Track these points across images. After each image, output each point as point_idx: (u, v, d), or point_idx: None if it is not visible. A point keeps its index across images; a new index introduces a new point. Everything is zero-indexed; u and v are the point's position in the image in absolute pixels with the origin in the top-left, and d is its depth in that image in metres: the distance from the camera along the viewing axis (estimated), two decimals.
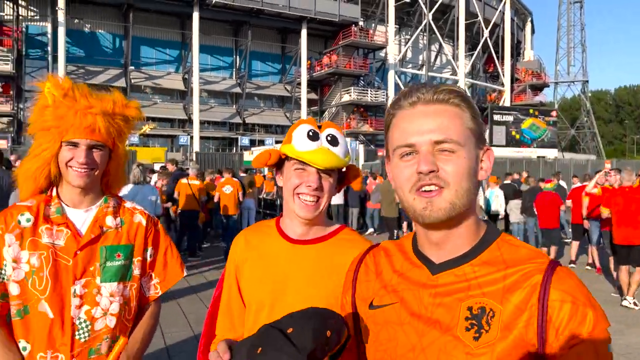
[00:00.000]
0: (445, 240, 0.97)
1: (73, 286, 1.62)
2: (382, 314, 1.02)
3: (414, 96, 0.96)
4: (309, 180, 1.37)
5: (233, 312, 1.51)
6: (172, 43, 37.86)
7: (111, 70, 35.11)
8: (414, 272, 1.01)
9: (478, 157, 0.97)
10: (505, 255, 0.94)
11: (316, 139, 1.37)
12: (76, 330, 1.61)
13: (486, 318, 0.89)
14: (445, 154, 0.92)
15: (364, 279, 1.12)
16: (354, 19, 38.12)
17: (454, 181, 0.91)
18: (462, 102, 0.96)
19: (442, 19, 43.48)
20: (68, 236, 1.64)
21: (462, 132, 0.94)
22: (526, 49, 54.68)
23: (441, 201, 0.92)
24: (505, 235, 1.00)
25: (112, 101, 1.70)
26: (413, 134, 0.94)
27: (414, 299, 0.98)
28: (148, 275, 1.79)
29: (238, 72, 39.76)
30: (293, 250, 1.42)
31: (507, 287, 0.90)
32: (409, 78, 45.52)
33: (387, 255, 1.11)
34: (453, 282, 0.94)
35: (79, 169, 1.62)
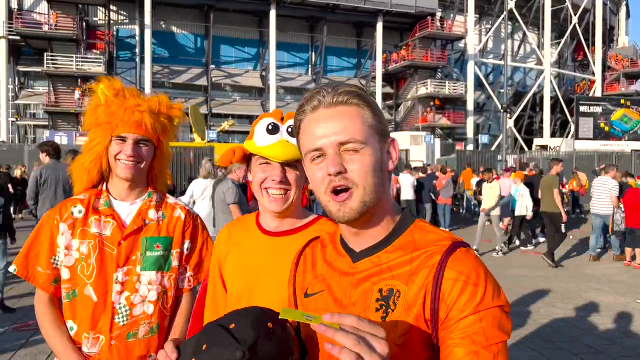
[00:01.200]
0: (362, 231, 1.03)
1: (116, 273, 1.72)
2: (313, 302, 1.09)
3: (315, 101, 1.01)
4: (273, 175, 1.39)
5: (218, 304, 1.55)
6: (250, 42, 38.96)
7: (193, 69, 36.73)
8: (339, 261, 1.08)
9: (384, 150, 1.02)
10: (417, 240, 1.00)
11: (276, 132, 1.39)
12: (116, 314, 1.71)
13: (393, 299, 0.95)
14: (351, 153, 0.97)
15: (302, 271, 1.18)
16: (431, 10, 37.31)
17: (361, 180, 0.96)
18: (361, 101, 1.00)
19: (526, 7, 41.49)
20: (114, 227, 1.76)
21: (365, 130, 0.98)
22: (620, 34, 50.95)
23: (352, 202, 0.97)
24: (419, 221, 1.06)
25: (158, 101, 1.82)
26: (319, 137, 0.98)
27: (338, 286, 1.04)
28: (183, 268, 1.87)
29: (314, 68, 40.22)
30: (268, 242, 1.45)
31: (413, 269, 0.95)
32: (490, 69, 43.90)
33: (322, 247, 1.17)
34: (370, 268, 1.00)
35: (126, 162, 1.73)
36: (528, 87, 43.55)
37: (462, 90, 38.78)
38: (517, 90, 42.56)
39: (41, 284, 1.73)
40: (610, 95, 41.04)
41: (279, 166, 1.39)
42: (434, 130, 36.13)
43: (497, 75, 43.73)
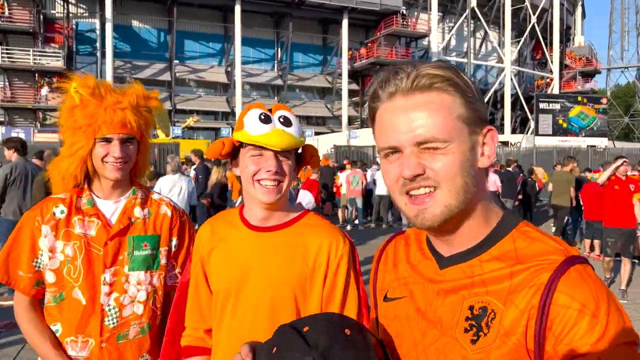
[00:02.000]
0: (450, 235, 0.89)
1: (103, 274, 1.69)
2: (393, 308, 0.98)
3: (392, 85, 0.85)
4: (267, 165, 1.34)
5: (202, 303, 1.51)
6: (214, 36, 38.44)
7: (156, 64, 35.98)
8: (424, 264, 0.94)
9: (476, 144, 0.86)
10: (520, 249, 0.83)
11: (269, 121, 1.35)
12: (105, 317, 1.68)
13: (486, 320, 0.81)
14: (431, 152, 0.83)
15: (383, 269, 1.06)
16: (395, 7, 37.61)
17: (445, 180, 0.82)
18: (449, 86, 0.84)
19: (487, 6, 42.30)
20: (99, 227, 1.72)
21: (450, 124, 0.83)
22: (576, 34, 52.55)
23: (435, 206, 0.83)
24: (524, 225, 0.88)
25: (135, 94, 1.74)
26: (394, 134, 0.85)
27: (421, 294, 0.92)
28: (171, 265, 1.85)
29: (279, 64, 40.01)
30: (256, 238, 1.41)
31: (513, 286, 0.80)
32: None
33: (406, 245, 1.03)
34: (459, 278, 0.86)
35: (115, 163, 1.68)
36: (489, 84, 44.45)
37: None
38: (479, 87, 43.33)
39: (22, 287, 1.68)
40: (568, 93, 42.31)
41: (273, 156, 1.35)
42: None
43: None
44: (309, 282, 1.37)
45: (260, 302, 1.37)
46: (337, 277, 1.37)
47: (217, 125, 36.72)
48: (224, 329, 1.41)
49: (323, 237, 1.39)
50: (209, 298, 1.50)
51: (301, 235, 1.40)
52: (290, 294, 1.36)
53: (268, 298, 1.36)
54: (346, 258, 1.38)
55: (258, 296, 1.37)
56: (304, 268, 1.37)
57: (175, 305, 1.61)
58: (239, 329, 1.38)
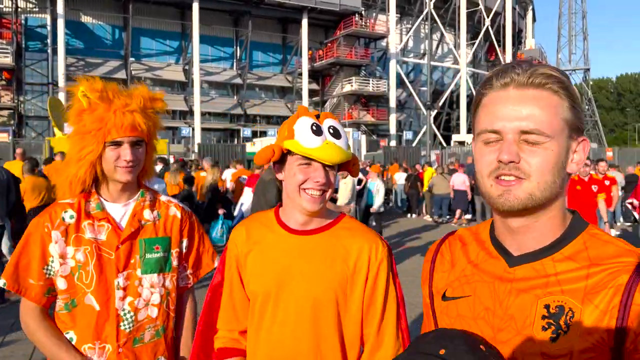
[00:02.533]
0: (525, 230, 0.92)
1: (116, 279, 1.65)
2: (455, 307, 1.00)
3: (508, 77, 0.90)
4: (315, 176, 1.36)
5: (236, 305, 1.51)
6: (172, 34, 37.75)
7: (111, 62, 35.05)
8: (490, 263, 0.97)
9: (570, 149, 0.90)
10: (591, 251, 0.88)
11: (320, 133, 1.35)
12: (121, 321, 1.65)
13: (565, 318, 0.84)
14: (531, 145, 0.87)
15: (440, 269, 1.09)
16: (354, 8, 37.95)
17: (536, 174, 0.87)
18: (560, 89, 0.88)
19: (443, 8, 43.26)
20: (109, 231, 1.68)
21: (555, 123, 0.87)
22: (527, 37, 54.44)
23: (520, 191, 0.87)
24: (592, 228, 0.93)
25: (142, 96, 1.71)
26: (500, 119, 0.88)
27: (489, 292, 0.94)
28: (182, 266, 1.83)
29: (239, 63, 39.68)
30: (295, 241, 1.43)
31: (589, 286, 0.84)
32: (411, 67, 45.38)
33: (463, 245, 1.06)
34: (531, 277, 0.90)
35: (126, 167, 1.65)
36: (445, 85, 45.49)
37: (385, 88, 39.81)
38: (436, 88, 44.26)
39: (33, 296, 1.62)
40: None
41: (321, 167, 1.36)
42: (359, 126, 36.87)
43: (417, 74, 45.34)
44: (349, 284, 1.38)
45: (303, 305, 1.37)
46: (377, 280, 1.39)
47: (174, 125, 36.03)
48: (264, 334, 1.42)
49: (363, 241, 1.41)
50: (243, 300, 1.50)
51: (340, 239, 1.42)
52: (332, 296, 1.37)
53: (310, 300, 1.37)
54: (386, 261, 1.41)
55: (300, 299, 1.37)
56: (344, 270, 1.38)
57: (206, 307, 1.60)
58: (280, 332, 1.38)
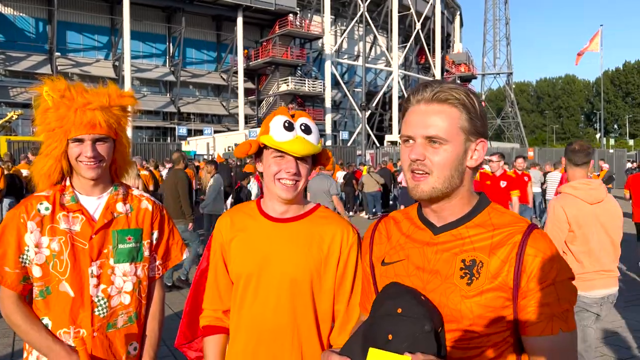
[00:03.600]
0: (441, 209, 1.20)
1: (90, 267, 1.74)
2: (392, 269, 1.25)
3: (420, 94, 1.17)
4: (287, 167, 1.52)
5: (220, 287, 1.67)
6: (100, 28, 36.36)
7: (35, 56, 33.29)
8: (419, 233, 1.24)
9: (468, 149, 1.17)
10: (494, 219, 1.18)
11: (291, 129, 1.52)
12: (95, 307, 1.74)
13: (476, 268, 1.12)
14: (434, 145, 1.14)
15: (378, 242, 1.35)
16: (290, 8, 38.11)
17: (437, 169, 1.14)
18: (458, 103, 1.15)
19: (376, 11, 44.25)
20: (83, 222, 1.77)
21: (452, 130, 1.14)
22: (455, 41, 56.74)
23: (425, 185, 1.15)
24: (494, 204, 1.24)
25: (108, 94, 1.79)
26: (411, 128, 1.16)
27: (419, 254, 1.21)
28: (152, 257, 1.94)
29: (172, 60, 38.82)
30: (275, 228, 1.59)
31: (494, 244, 1.13)
32: (345, 69, 46.11)
33: (395, 222, 1.34)
34: (451, 241, 1.18)
35: (88, 163, 1.74)
36: (379, 86, 46.58)
37: (321, 88, 40.27)
38: (369, 89, 45.28)
39: (9, 283, 1.69)
40: None
41: (293, 159, 1.53)
42: None
43: (352, 75, 46.14)
44: (323, 266, 1.56)
45: (282, 284, 1.54)
46: (348, 262, 1.57)
47: None
48: (246, 310, 1.57)
49: (336, 228, 1.59)
50: (227, 282, 1.65)
51: (316, 226, 1.59)
52: (308, 277, 1.54)
53: (288, 280, 1.54)
54: (355, 246, 1.59)
55: (279, 279, 1.54)
56: (319, 254, 1.56)
57: (193, 290, 1.75)
58: (261, 309, 1.55)
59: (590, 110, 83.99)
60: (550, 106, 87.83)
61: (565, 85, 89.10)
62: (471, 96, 1.17)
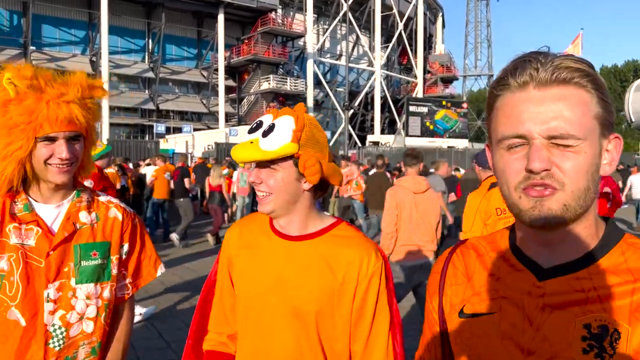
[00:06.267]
0: (557, 241, 0.82)
1: (46, 290, 1.46)
2: (477, 324, 0.89)
3: (526, 74, 0.79)
4: (252, 175, 1.32)
5: (226, 308, 1.46)
6: (77, 23, 35.53)
7: (8, 50, 32.35)
8: (515, 276, 0.86)
9: (602, 148, 0.80)
10: (631, 262, 0.79)
11: (254, 130, 1.31)
12: (50, 338, 1.45)
13: (609, 339, 0.75)
14: (562, 148, 0.77)
15: (453, 282, 0.98)
16: (272, 5, 37.79)
17: (571, 181, 0.77)
18: (588, 82, 0.78)
19: (358, 10, 44.18)
20: (39, 235, 1.47)
21: (586, 122, 0.77)
22: (437, 42, 56.96)
23: (553, 202, 0.77)
24: (629, 237, 0.83)
25: (79, 84, 1.51)
26: (524, 123, 0.78)
27: (517, 309, 0.84)
28: (121, 274, 1.66)
29: (151, 56, 38.14)
30: (284, 247, 1.36)
31: (635, 303, 0.75)
32: (328, 68, 45.94)
33: (478, 255, 0.96)
34: (566, 292, 0.80)
35: (60, 165, 1.45)
36: (361, 86, 46.51)
37: (303, 87, 40.01)
38: (351, 89, 45.20)
39: None
40: (431, 97, 45.75)
41: (255, 166, 1.34)
42: None
43: (334, 74, 46.00)
44: (337, 297, 1.29)
45: (283, 314, 1.30)
46: (367, 295, 1.30)
47: None
48: (248, 340, 1.36)
49: (354, 251, 1.31)
50: (233, 302, 1.44)
51: (332, 247, 1.33)
52: (313, 307, 1.28)
53: (289, 310, 1.29)
54: (378, 275, 1.31)
55: (281, 307, 1.30)
56: (331, 282, 1.29)
57: (199, 307, 1.55)
58: (265, 343, 1.32)
59: None
60: None
61: None
62: (595, 70, 0.81)
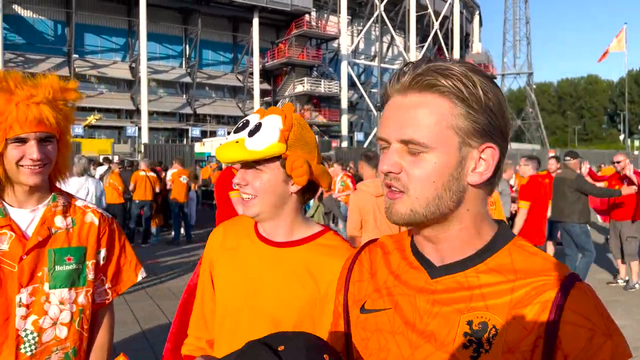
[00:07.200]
0: (436, 240, 0.85)
1: (18, 294, 1.46)
2: (373, 320, 0.91)
3: (394, 80, 0.83)
4: (237, 177, 1.27)
5: (205, 313, 1.42)
6: (118, 30, 36.62)
7: (53, 58, 33.65)
8: (411, 274, 0.88)
9: (467, 157, 0.80)
10: (517, 263, 0.81)
11: (240, 130, 1.25)
12: (21, 344, 1.45)
13: (487, 336, 0.77)
14: (414, 155, 0.79)
15: (357, 279, 0.99)
16: (306, 8, 37.95)
17: (415, 188, 0.80)
18: (450, 92, 0.78)
19: (393, 11, 43.88)
20: (12, 239, 1.48)
21: (439, 131, 0.78)
22: (474, 41, 56.01)
23: (401, 206, 0.82)
24: (518, 239, 0.86)
25: (50, 86, 1.51)
26: (385, 127, 0.83)
27: (410, 305, 0.86)
28: (99, 279, 1.65)
29: (188, 61, 38.93)
30: (267, 252, 1.31)
31: (514, 301, 0.77)
32: (362, 69, 45.80)
33: (384, 253, 0.98)
34: (454, 289, 0.82)
35: (32, 166, 1.45)
36: None
37: (337, 89, 40.00)
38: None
39: None
40: None
41: (241, 167, 1.27)
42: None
43: (369, 76, 45.83)
44: (319, 308, 1.24)
45: (260, 324, 1.24)
46: None
47: (120, 124, 34.97)
48: (223, 345, 1.30)
49: (339, 262, 1.22)
50: (214, 307, 1.39)
51: (316, 255, 1.28)
52: (293, 318, 1.24)
53: (268, 320, 1.24)
54: None
55: (259, 317, 1.25)
56: (314, 293, 1.24)
57: (180, 310, 1.51)
58: None
59: (614, 111, 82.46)
60: (572, 107, 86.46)
61: (587, 85, 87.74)
62: (473, 78, 0.78)
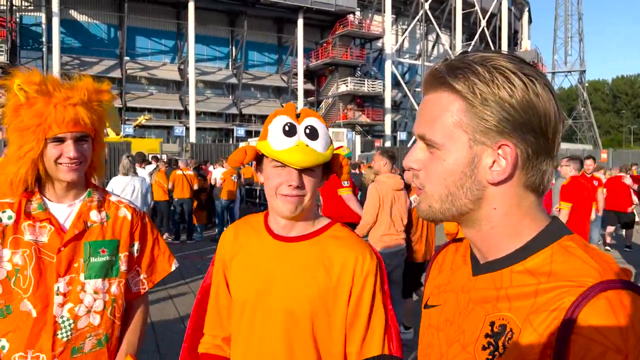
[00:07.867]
0: (473, 239, 0.83)
1: (56, 283, 1.58)
2: (428, 316, 0.93)
3: (426, 77, 0.84)
4: (289, 180, 1.28)
5: (221, 311, 1.48)
6: (167, 33, 37.66)
7: (106, 60, 34.93)
8: (461, 270, 0.89)
9: (481, 155, 0.76)
10: (555, 265, 0.74)
11: (293, 133, 1.27)
12: (58, 330, 1.57)
13: (504, 339, 0.74)
14: (430, 152, 0.80)
15: (432, 275, 1.02)
16: (350, 8, 37.90)
17: (427, 184, 0.81)
18: (463, 87, 0.76)
19: (439, 9, 43.22)
20: (51, 232, 1.60)
21: (445, 129, 0.77)
22: (523, 38, 54.49)
23: (422, 202, 0.83)
24: (567, 239, 0.77)
25: (86, 88, 1.63)
26: (414, 123, 0.85)
27: (454, 301, 0.86)
28: (135, 271, 1.76)
29: (234, 63, 39.62)
30: (278, 247, 1.36)
31: (536, 305, 0.72)
32: (406, 68, 45.36)
33: (456, 251, 0.97)
34: (487, 288, 0.80)
35: (69, 164, 1.57)
36: None
37: (380, 88, 39.77)
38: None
39: None
40: None
41: (295, 171, 1.28)
42: (354, 126, 36.82)
43: (413, 75, 45.32)
44: (332, 298, 1.29)
45: (276, 317, 1.31)
46: (362, 296, 1.30)
47: (169, 124, 35.96)
48: (241, 343, 1.37)
49: (349, 251, 1.31)
50: (228, 305, 1.45)
51: (326, 248, 1.33)
52: (308, 309, 1.29)
53: (283, 312, 1.30)
54: (373, 275, 1.31)
55: (274, 310, 1.32)
56: (327, 282, 1.29)
57: (195, 310, 1.57)
58: (257, 345, 1.34)
59: None
60: (628, 105, 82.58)
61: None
62: (484, 72, 0.74)
